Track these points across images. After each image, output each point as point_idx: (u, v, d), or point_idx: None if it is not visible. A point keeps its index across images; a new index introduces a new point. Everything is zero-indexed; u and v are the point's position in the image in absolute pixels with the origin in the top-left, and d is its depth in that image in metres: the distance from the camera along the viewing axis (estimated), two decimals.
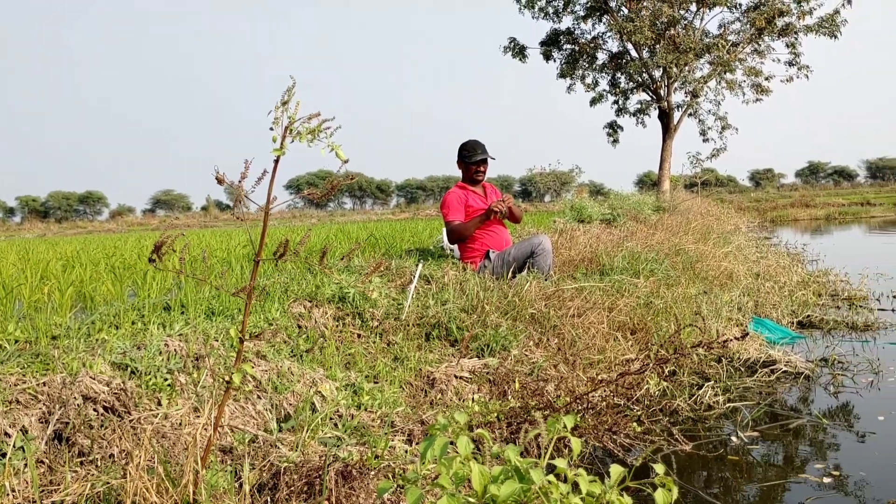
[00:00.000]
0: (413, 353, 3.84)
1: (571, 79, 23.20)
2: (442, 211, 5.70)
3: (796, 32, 20.79)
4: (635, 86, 22.51)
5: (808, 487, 3.05)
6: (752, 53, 21.62)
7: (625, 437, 3.39)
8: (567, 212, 11.06)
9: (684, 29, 20.93)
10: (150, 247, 1.69)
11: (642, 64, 21.12)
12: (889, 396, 4.25)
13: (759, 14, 20.25)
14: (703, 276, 7.03)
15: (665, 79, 21.73)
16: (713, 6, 20.85)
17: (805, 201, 36.77)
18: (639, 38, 19.85)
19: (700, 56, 20.89)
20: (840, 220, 27.20)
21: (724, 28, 21.63)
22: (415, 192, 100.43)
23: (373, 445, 2.67)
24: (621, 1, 21.45)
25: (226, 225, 35.29)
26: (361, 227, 12.65)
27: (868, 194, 45.55)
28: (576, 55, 22.81)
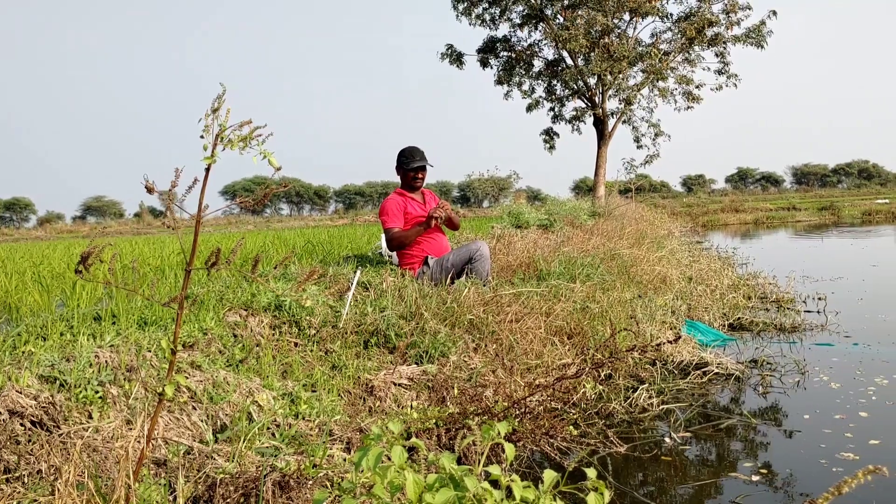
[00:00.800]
0: (351, 360, 3.82)
1: (508, 85, 23.42)
2: (381, 218, 5.67)
3: (725, 42, 21.38)
4: (571, 93, 22.82)
5: (739, 485, 3.13)
6: (683, 62, 22.15)
7: (562, 440, 3.43)
8: (505, 217, 11.14)
9: (618, 38, 21.33)
10: (80, 255, 1.64)
11: (577, 71, 21.45)
12: (814, 395, 4.40)
13: (689, 24, 20.77)
14: (638, 281, 7.17)
15: (600, 86, 22.10)
16: (645, 16, 21.30)
17: (735, 206, 37.78)
18: (574, 46, 20.15)
19: (633, 64, 21.31)
20: (768, 225, 28.05)
21: (657, 37, 22.11)
22: (353, 198, 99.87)
23: (311, 454, 2.64)
24: (556, 9, 21.75)
25: (160, 232, 34.53)
26: (299, 234, 12.51)
27: (794, 199, 47.05)
28: (512, 62, 23.03)
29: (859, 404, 4.15)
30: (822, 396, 4.36)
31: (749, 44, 21.16)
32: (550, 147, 24.32)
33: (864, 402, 4.20)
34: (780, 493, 3.05)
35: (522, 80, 23.37)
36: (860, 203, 36.39)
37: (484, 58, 23.27)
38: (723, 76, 21.93)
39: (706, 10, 20.88)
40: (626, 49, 20.61)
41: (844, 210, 32.03)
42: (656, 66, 21.07)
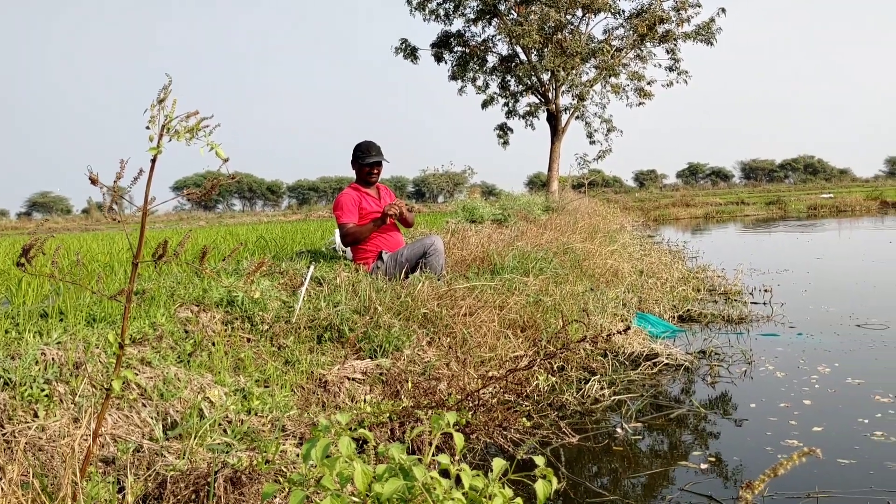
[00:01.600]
0: (304, 355, 3.80)
1: (463, 81, 23.47)
2: (335, 213, 5.64)
3: (675, 39, 21.73)
4: (524, 88, 22.96)
5: (689, 473, 3.19)
6: (635, 58, 22.45)
7: (515, 432, 3.46)
8: (459, 212, 11.17)
9: (571, 34, 21.52)
10: (21, 248, 1.61)
11: (531, 67, 21.59)
12: (761, 384, 4.50)
13: (640, 21, 21.05)
14: (590, 274, 7.25)
15: (553, 82, 22.27)
16: (598, 12, 21.53)
17: (685, 201, 38.36)
18: (527, 42, 20.27)
19: (586, 60, 21.53)
20: (717, 219, 28.55)
21: (609, 33, 22.37)
22: (307, 193, 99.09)
23: (263, 450, 2.62)
24: (510, 5, 21.84)
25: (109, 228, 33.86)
26: (251, 229, 12.38)
27: (742, 194, 47.96)
28: (466, 57, 23.07)
29: (803, 392, 4.27)
30: (768, 385, 4.47)
31: (699, 41, 21.54)
32: (505, 142, 24.45)
33: (808, 390, 4.32)
34: (728, 480, 3.12)
35: (476, 76, 23.45)
36: (806, 197, 37.23)
37: (438, 52, 23.28)
38: (673, 72, 22.31)
39: (657, 7, 21.19)
40: (579, 45, 20.81)
41: (791, 204, 32.76)
42: (609, 63, 21.32)
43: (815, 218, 25.58)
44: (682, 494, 2.98)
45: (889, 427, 3.59)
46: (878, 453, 3.27)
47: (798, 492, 2.90)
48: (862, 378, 4.48)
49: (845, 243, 14.94)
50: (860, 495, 2.86)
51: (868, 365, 4.82)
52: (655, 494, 3.03)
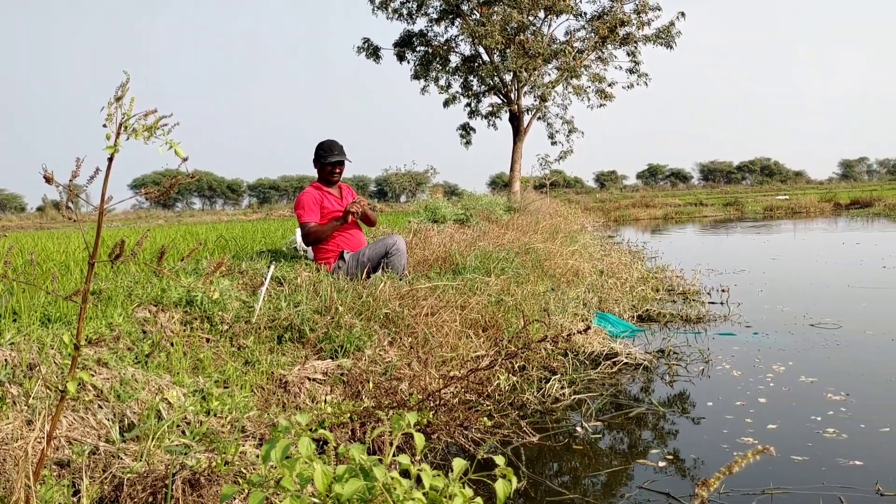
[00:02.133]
0: (265, 356, 3.77)
1: (425, 80, 23.43)
2: (296, 212, 5.59)
3: (636, 42, 21.94)
4: (487, 89, 23.00)
5: (648, 471, 3.24)
6: (596, 60, 22.62)
7: (476, 432, 3.47)
8: (422, 212, 11.17)
9: (533, 35, 21.61)
10: None
11: (493, 68, 21.65)
12: (718, 383, 4.58)
13: (602, 23, 21.23)
14: (552, 274, 7.30)
15: (515, 83, 22.35)
16: (560, 14, 21.65)
17: (645, 202, 38.80)
18: (490, 42, 20.32)
19: (548, 61, 21.65)
20: (676, 220, 28.92)
21: (571, 35, 22.51)
22: (268, 192, 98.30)
23: (222, 451, 2.60)
24: (473, 5, 21.88)
25: (65, 227, 33.21)
26: (211, 228, 12.23)
27: (701, 195, 48.64)
28: (429, 57, 23.05)
29: (758, 391, 4.35)
30: (725, 384, 4.55)
31: (659, 44, 21.78)
32: (467, 142, 24.48)
33: (763, 388, 4.40)
34: (685, 477, 3.16)
35: (439, 76, 23.43)
36: (762, 199, 37.89)
37: (400, 52, 23.23)
38: (634, 75, 22.51)
39: (618, 10, 21.38)
40: (542, 46, 20.92)
41: (748, 206, 33.31)
42: (570, 64, 21.47)
43: (772, 219, 26.05)
44: (641, 492, 3.02)
45: (840, 424, 3.68)
46: (830, 450, 3.35)
47: (753, 488, 2.95)
48: (815, 377, 4.58)
49: (800, 244, 15.23)
50: (813, 491, 2.92)
51: (821, 364, 4.92)
52: (614, 492, 3.07)
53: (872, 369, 4.74)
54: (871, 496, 2.85)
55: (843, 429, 3.61)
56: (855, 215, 25.10)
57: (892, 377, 4.55)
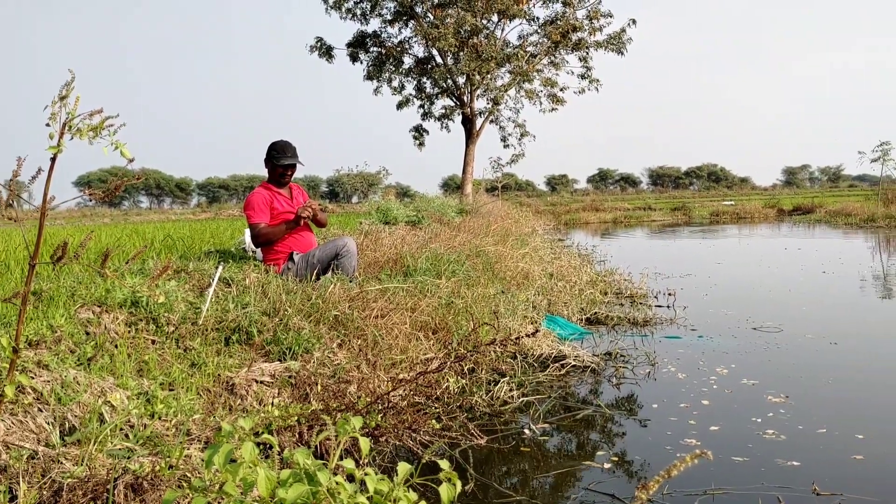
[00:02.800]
0: (212, 358, 3.72)
1: (378, 81, 23.41)
2: (246, 212, 5.53)
3: (588, 47, 22.24)
4: (440, 91, 23.06)
5: (595, 473, 3.28)
6: (548, 65, 22.86)
7: (424, 434, 3.48)
8: (373, 213, 11.13)
9: (486, 38, 21.73)
10: None
11: (447, 70, 21.72)
12: (663, 385, 4.66)
13: (554, 28, 21.46)
14: (502, 277, 7.34)
15: (468, 86, 22.45)
16: (513, 18, 21.81)
17: (595, 206, 39.28)
18: (443, 45, 20.39)
19: (501, 65, 21.80)
20: (625, 224, 29.35)
21: (524, 40, 22.72)
22: (217, 191, 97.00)
23: (167, 455, 2.56)
24: (427, 7, 21.91)
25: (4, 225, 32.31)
26: (158, 228, 12.03)
27: (650, 200, 49.43)
28: (382, 58, 23.02)
29: (702, 393, 4.44)
30: (670, 386, 4.63)
31: (610, 50, 22.10)
32: (420, 144, 24.50)
33: (707, 390, 4.49)
34: (631, 478, 3.22)
35: (392, 77, 23.42)
36: (709, 204, 38.65)
37: (354, 52, 23.16)
38: (586, 80, 22.81)
39: (571, 16, 21.63)
40: (495, 50, 21.05)
41: (695, 210, 33.95)
42: (523, 68, 21.65)
43: (718, 224, 26.58)
44: (587, 493, 3.06)
45: (779, 426, 3.77)
46: (770, 451, 3.43)
47: (695, 489, 3.02)
48: (756, 379, 4.69)
49: (744, 249, 15.57)
50: (753, 491, 2.99)
51: (762, 366, 5.04)
52: (561, 494, 3.10)
53: (811, 372, 4.87)
54: (808, 496, 2.93)
55: (782, 430, 3.71)
56: (797, 221, 25.76)
57: (829, 380, 4.69)
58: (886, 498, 2.90)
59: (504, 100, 22.64)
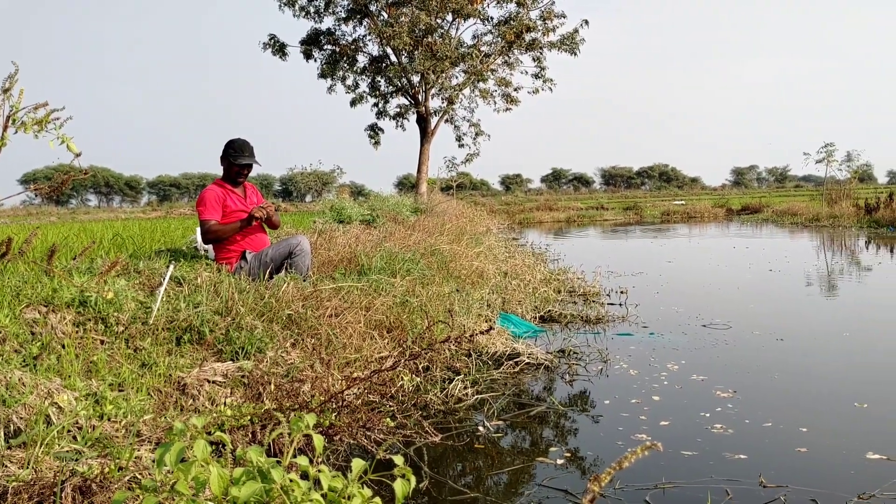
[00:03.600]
0: (162, 358, 3.67)
1: (332, 79, 23.24)
2: (198, 209, 5.45)
3: (541, 48, 22.37)
4: (395, 90, 23.00)
5: (549, 469, 3.31)
6: (502, 65, 22.95)
7: (379, 433, 3.47)
8: (327, 212, 11.08)
9: (441, 37, 21.74)
10: None
11: (401, 69, 21.67)
12: (615, 382, 4.72)
13: (508, 28, 21.55)
14: (457, 275, 7.36)
15: (423, 85, 22.43)
16: (468, 17, 21.84)
17: (549, 205, 39.57)
18: (398, 44, 20.34)
19: (455, 64, 21.82)
20: (579, 223, 29.64)
21: (478, 39, 22.76)
22: (168, 189, 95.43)
23: (116, 457, 2.52)
24: (381, 5, 21.84)
25: None
26: (107, 226, 11.79)
27: (602, 199, 49.94)
28: (336, 56, 22.88)
29: (653, 389, 4.51)
30: (622, 382, 4.69)
31: (564, 50, 22.27)
32: (375, 143, 24.40)
33: (658, 386, 4.57)
34: (584, 474, 3.26)
35: (346, 75, 23.29)
36: (660, 204, 39.23)
37: (307, 50, 22.96)
38: (539, 80, 22.95)
39: (524, 16, 21.75)
40: (449, 49, 21.06)
41: (647, 210, 34.42)
42: (477, 68, 21.71)
43: (669, 223, 27.00)
44: (540, 490, 3.09)
45: (727, 420, 3.85)
46: (718, 445, 3.51)
47: (646, 483, 3.07)
48: (706, 375, 4.78)
49: (695, 248, 15.85)
50: (702, 484, 3.05)
51: (711, 362, 5.14)
52: (515, 490, 3.12)
53: (758, 367, 4.98)
54: (754, 488, 3.00)
55: (730, 424, 3.79)
56: (745, 221, 26.29)
57: (775, 374, 4.80)
58: (829, 489, 2.98)
59: (459, 99, 22.67)
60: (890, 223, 18.74)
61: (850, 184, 26.40)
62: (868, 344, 5.74)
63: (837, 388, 4.51)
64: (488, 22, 22.40)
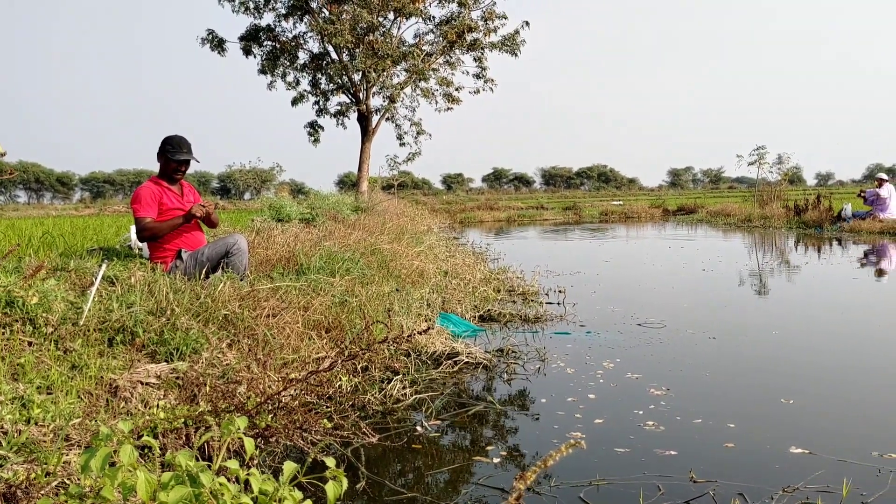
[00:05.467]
0: (94, 360, 3.58)
1: (272, 76, 22.98)
2: (133, 206, 5.34)
3: (483, 48, 22.50)
4: (336, 87, 22.85)
5: (486, 467, 3.35)
6: (444, 64, 23.00)
7: (315, 434, 3.46)
8: (266, 210, 10.96)
9: (383, 36, 21.68)
10: None
11: (342, 66, 21.55)
12: (552, 380, 4.79)
13: (450, 28, 21.61)
14: (397, 275, 7.36)
15: (364, 83, 22.34)
16: (409, 16, 21.83)
17: (490, 204, 39.80)
18: (339, 41, 20.22)
19: (397, 63, 21.79)
20: (519, 223, 29.89)
21: (420, 38, 22.76)
22: (102, 186, 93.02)
23: (43, 462, 2.46)
24: (322, 2, 21.68)
25: None
26: (37, 224, 11.45)
27: (542, 199, 50.42)
28: (277, 53, 22.63)
29: (589, 387, 4.59)
30: (559, 381, 4.76)
31: (505, 51, 22.45)
32: (315, 140, 24.21)
33: (594, 384, 4.65)
34: (520, 472, 3.29)
35: (287, 72, 23.05)
36: (599, 204, 39.76)
37: (247, 46, 22.65)
38: (480, 80, 23.08)
39: (466, 16, 21.83)
40: (391, 48, 21.03)
41: (586, 210, 34.88)
42: (419, 67, 21.71)
43: (607, 223, 27.43)
44: (478, 488, 3.12)
45: (659, 417, 3.95)
46: (650, 442, 3.59)
47: (581, 480, 3.12)
48: (640, 373, 4.88)
49: (631, 248, 16.14)
50: (634, 480, 3.12)
51: (645, 360, 5.25)
52: (453, 489, 3.15)
53: (691, 365, 5.11)
54: (685, 483, 3.08)
55: (662, 421, 3.88)
56: (681, 221, 26.87)
57: (707, 372, 4.93)
58: (755, 483, 3.08)
59: (400, 98, 22.64)
60: (817, 224, 19.38)
61: (780, 186, 27.17)
62: (795, 341, 5.94)
63: (765, 385, 4.65)
64: (430, 21, 22.42)
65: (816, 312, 7.36)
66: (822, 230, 18.55)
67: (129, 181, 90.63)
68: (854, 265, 11.39)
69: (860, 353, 5.47)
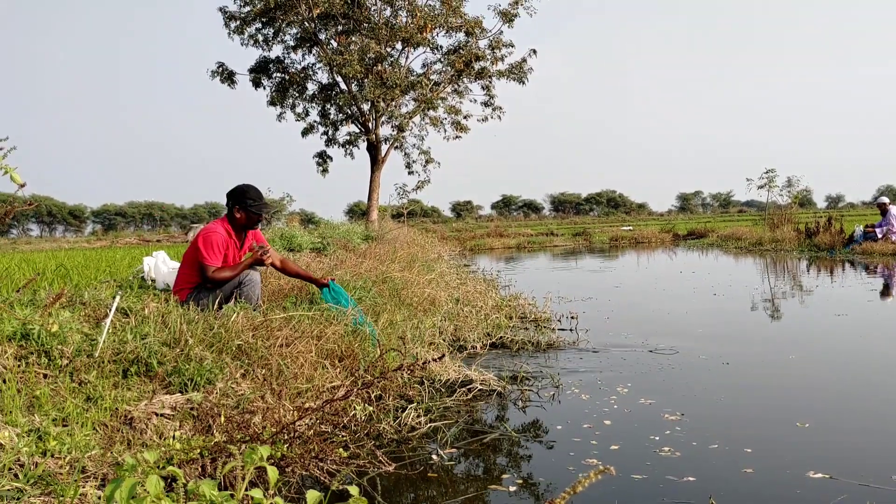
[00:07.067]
0: (109, 391, 3.59)
1: (282, 107, 23.23)
2: (203, 251, 5.33)
3: (490, 76, 22.71)
4: (345, 117, 23.06)
5: (501, 496, 3.32)
6: (452, 93, 23.20)
7: (331, 463, 3.45)
8: (277, 241, 11.00)
9: (391, 66, 21.91)
10: None
11: (351, 97, 21.76)
12: (567, 407, 4.76)
13: (458, 57, 21.83)
14: (409, 303, 7.37)
15: (373, 112, 22.54)
16: (417, 46, 22.08)
17: (499, 231, 39.77)
18: (348, 72, 20.43)
19: (405, 92, 21.99)
20: (529, 249, 29.88)
21: (428, 68, 22.99)
22: (113, 218, 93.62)
23: (60, 494, 2.46)
24: (331, 34, 21.94)
25: None
26: (50, 256, 11.53)
27: (552, 225, 50.39)
28: (286, 84, 22.88)
29: (603, 413, 4.56)
30: (574, 408, 4.74)
31: (512, 79, 22.63)
32: (324, 170, 24.39)
33: (608, 410, 4.62)
34: (536, 500, 3.27)
35: (296, 103, 23.30)
36: (609, 229, 39.72)
37: (256, 78, 22.92)
38: (489, 108, 23.26)
39: (473, 45, 22.05)
40: (399, 77, 21.23)
41: (595, 236, 34.86)
42: (427, 96, 21.90)
43: (617, 249, 27.38)
44: None
45: (675, 443, 3.92)
46: (666, 467, 3.56)
47: None
48: (653, 398, 4.85)
49: (642, 273, 16.09)
50: None
51: (659, 386, 5.22)
52: None
53: (704, 390, 5.07)
54: None
55: (678, 447, 3.85)
56: (691, 245, 26.80)
57: (721, 397, 4.90)
58: None
59: (409, 127, 22.83)
60: (829, 247, 19.28)
61: (790, 209, 27.06)
62: (809, 365, 5.89)
63: (780, 409, 4.62)
64: (437, 51, 22.66)
65: (830, 336, 7.31)
66: (835, 253, 18.46)
67: (140, 213, 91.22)
68: (868, 288, 11.32)
69: (876, 376, 5.42)
